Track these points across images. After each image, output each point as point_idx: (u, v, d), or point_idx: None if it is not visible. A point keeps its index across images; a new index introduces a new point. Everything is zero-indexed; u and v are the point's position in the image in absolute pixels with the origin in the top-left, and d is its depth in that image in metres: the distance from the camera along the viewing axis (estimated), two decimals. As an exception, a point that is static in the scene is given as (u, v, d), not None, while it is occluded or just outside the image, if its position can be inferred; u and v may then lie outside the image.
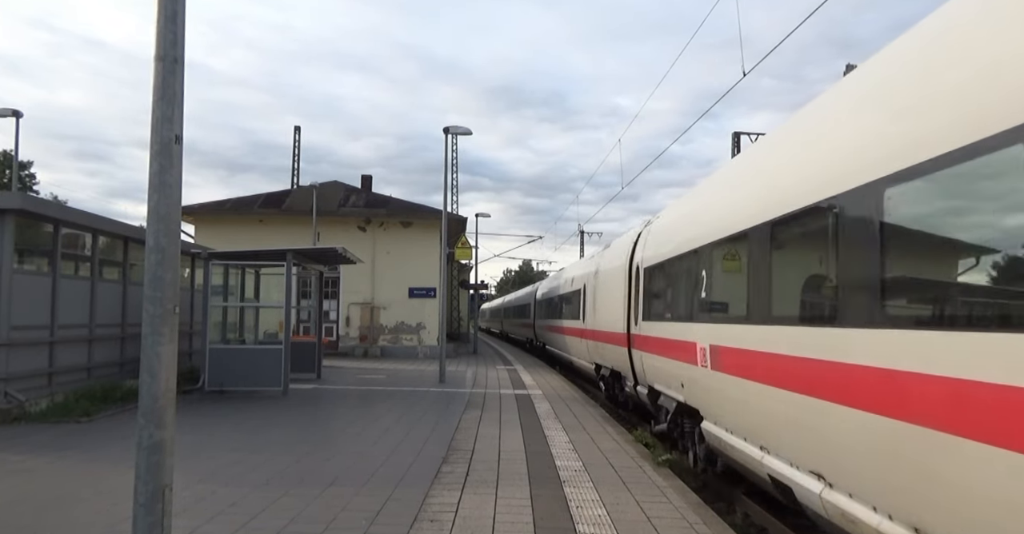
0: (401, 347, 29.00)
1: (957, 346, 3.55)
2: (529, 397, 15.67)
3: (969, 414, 3.42)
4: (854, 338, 4.59)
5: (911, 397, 3.91)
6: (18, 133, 22.25)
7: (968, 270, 3.81)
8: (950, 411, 3.56)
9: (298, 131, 42.90)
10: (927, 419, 3.74)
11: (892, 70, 4.66)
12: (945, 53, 4.02)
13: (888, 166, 4.22)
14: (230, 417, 12.01)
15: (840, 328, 4.78)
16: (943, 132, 3.72)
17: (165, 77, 4.22)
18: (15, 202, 11.62)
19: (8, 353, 11.21)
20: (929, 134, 3.84)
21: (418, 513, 6.25)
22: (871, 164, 4.43)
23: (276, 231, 27.13)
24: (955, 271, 3.98)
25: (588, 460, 8.80)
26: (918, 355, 3.86)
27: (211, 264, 16.02)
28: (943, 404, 3.62)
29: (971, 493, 3.42)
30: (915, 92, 4.17)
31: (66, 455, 8.64)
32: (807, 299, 5.65)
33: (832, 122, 5.47)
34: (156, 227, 4.22)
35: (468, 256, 34.45)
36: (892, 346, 4.15)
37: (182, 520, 5.70)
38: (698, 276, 8.46)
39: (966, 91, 3.63)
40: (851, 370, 4.58)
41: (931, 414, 3.71)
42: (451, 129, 20.49)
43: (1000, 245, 3.49)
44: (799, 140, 6.11)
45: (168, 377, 4.20)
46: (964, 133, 3.53)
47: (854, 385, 4.54)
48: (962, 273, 3.89)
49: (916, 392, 3.86)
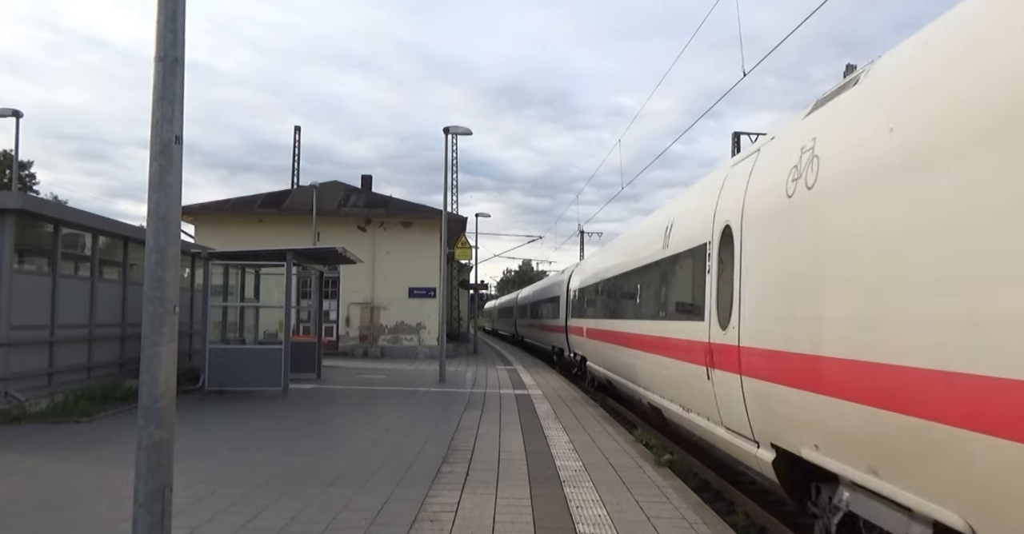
0: (401, 347, 29.00)
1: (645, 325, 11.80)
2: (529, 397, 15.68)
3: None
4: (643, 324, 11.73)
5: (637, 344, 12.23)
6: (18, 133, 22.25)
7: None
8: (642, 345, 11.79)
9: (298, 131, 42.86)
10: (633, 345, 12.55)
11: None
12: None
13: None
14: (230, 417, 12.01)
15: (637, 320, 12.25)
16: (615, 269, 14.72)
17: (165, 77, 4.23)
18: (15, 202, 11.62)
19: (8, 353, 11.21)
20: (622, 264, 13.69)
21: (418, 513, 6.25)
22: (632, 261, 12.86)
23: (276, 231, 27.12)
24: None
25: (588, 460, 8.80)
26: (654, 329, 10.92)
27: (211, 264, 16.02)
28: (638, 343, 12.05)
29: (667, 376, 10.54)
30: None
31: (66, 455, 8.64)
32: (631, 306, 13.03)
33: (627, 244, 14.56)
34: (156, 227, 4.23)
35: (468, 256, 34.46)
36: (649, 326, 11.25)
37: (182, 520, 5.70)
38: (591, 295, 18.42)
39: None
40: (641, 337, 11.71)
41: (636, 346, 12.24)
42: (451, 129, 20.50)
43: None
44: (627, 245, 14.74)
45: (168, 377, 4.20)
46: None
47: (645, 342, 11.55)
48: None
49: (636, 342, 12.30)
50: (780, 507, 7.84)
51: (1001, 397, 3.26)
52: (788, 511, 7.55)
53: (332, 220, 28.27)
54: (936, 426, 3.72)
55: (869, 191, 4.48)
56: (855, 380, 4.45)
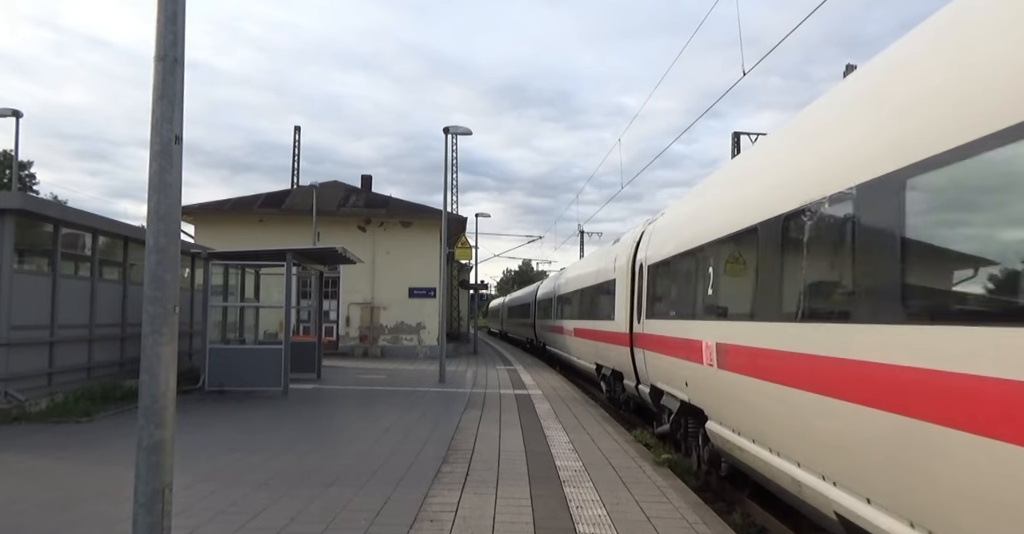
0: (401, 347, 29.00)
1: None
2: (529, 397, 15.67)
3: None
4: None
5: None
6: (18, 133, 22.24)
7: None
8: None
9: (298, 131, 42.89)
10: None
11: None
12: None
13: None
14: (230, 417, 12.01)
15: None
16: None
17: (165, 77, 4.23)
18: (15, 202, 11.63)
19: (8, 353, 11.21)
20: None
21: (418, 513, 6.25)
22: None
23: (276, 231, 27.14)
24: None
25: (588, 460, 8.80)
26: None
27: (211, 264, 16.03)
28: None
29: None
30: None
31: (66, 455, 8.64)
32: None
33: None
34: (156, 227, 4.22)
35: (468, 256, 34.45)
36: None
37: (182, 520, 5.71)
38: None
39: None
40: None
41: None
42: (451, 129, 20.52)
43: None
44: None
45: (168, 377, 4.20)
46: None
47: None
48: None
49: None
50: (780, 507, 7.83)
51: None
52: (789, 511, 7.54)
53: (332, 220, 28.28)
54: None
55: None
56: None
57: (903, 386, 4.01)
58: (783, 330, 5.80)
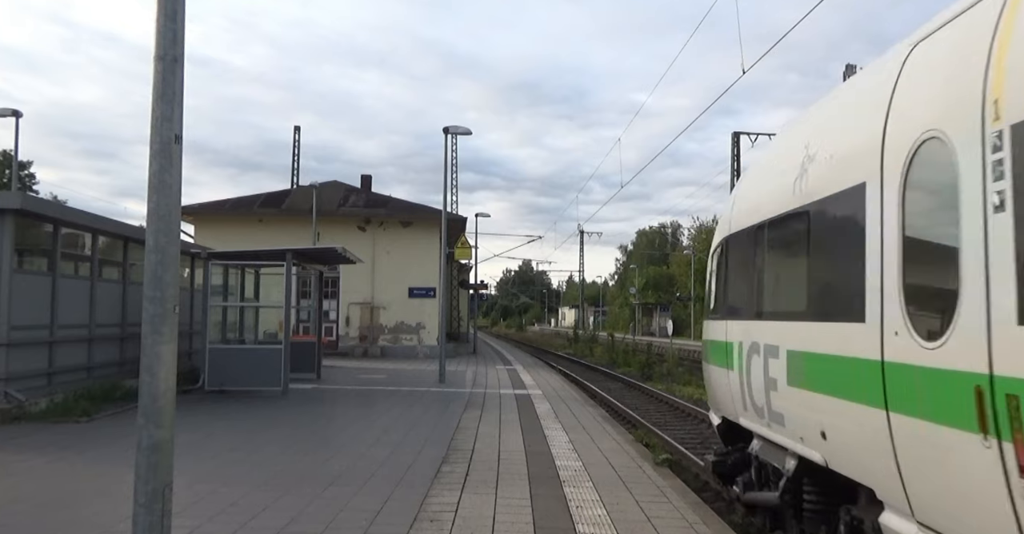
0: (401, 347, 29.00)
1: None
2: (529, 397, 15.67)
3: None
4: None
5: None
6: (18, 133, 22.28)
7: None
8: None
9: (298, 131, 42.96)
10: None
11: None
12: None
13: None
14: (230, 417, 12.01)
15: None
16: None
17: (165, 76, 4.22)
18: (15, 202, 11.62)
19: (8, 353, 11.19)
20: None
21: (418, 513, 6.25)
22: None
23: (276, 231, 27.14)
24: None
25: (588, 460, 8.80)
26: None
27: (211, 264, 16.03)
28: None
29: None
30: None
31: (66, 455, 8.64)
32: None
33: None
34: (156, 227, 4.22)
35: (468, 256, 34.48)
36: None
37: (182, 520, 5.69)
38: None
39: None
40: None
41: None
42: (451, 129, 20.56)
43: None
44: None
45: (168, 377, 4.19)
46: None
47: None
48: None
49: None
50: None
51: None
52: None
53: (332, 220, 28.28)
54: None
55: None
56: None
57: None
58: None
